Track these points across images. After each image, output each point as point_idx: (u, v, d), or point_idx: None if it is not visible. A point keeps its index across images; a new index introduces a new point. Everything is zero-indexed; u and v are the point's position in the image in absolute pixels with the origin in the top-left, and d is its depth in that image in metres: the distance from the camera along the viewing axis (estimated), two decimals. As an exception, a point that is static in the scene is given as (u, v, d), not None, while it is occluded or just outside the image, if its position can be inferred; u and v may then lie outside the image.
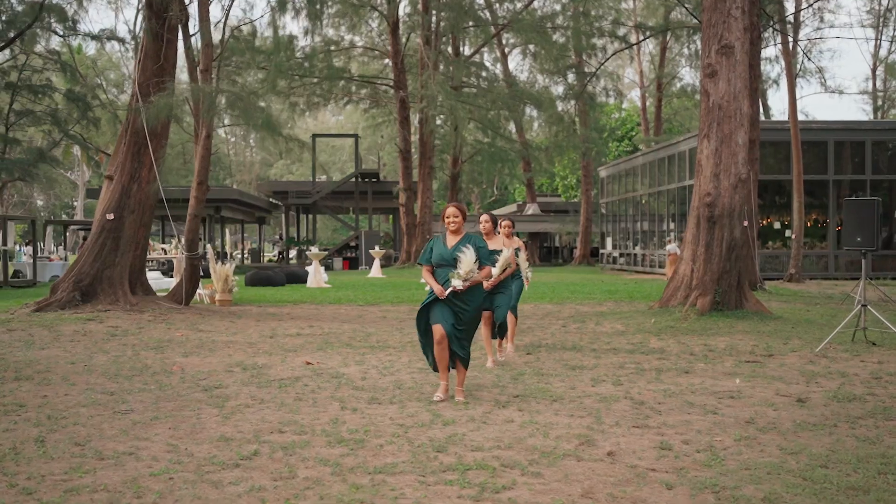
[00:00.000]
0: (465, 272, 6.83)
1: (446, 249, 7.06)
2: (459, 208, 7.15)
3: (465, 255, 6.86)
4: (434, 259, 7.10)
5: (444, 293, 6.85)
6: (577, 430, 5.96)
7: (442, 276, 6.99)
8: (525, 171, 45.87)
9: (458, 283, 6.81)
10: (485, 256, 7.05)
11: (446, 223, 7.15)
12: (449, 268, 6.94)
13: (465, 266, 6.83)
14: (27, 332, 12.03)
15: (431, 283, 7.00)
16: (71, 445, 5.52)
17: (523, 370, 8.69)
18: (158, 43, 15.00)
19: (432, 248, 7.18)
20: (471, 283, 6.91)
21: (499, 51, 46.47)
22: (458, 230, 7.15)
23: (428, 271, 7.14)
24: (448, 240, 7.15)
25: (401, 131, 37.74)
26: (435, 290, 6.91)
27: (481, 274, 7.01)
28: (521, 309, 15.70)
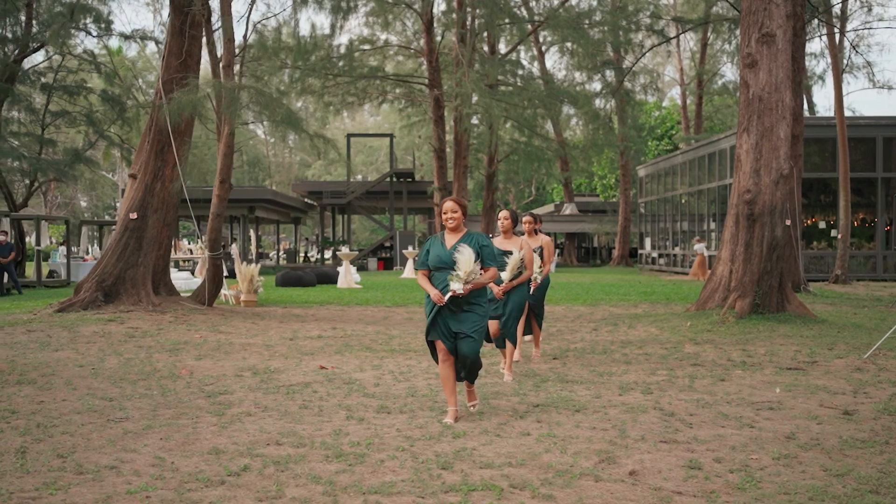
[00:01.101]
0: (466, 273, 5.97)
1: (444, 250, 6.18)
2: (458, 203, 6.28)
3: (463, 254, 6.00)
4: (431, 261, 6.23)
5: (442, 299, 6.02)
6: (598, 444, 5.46)
7: (440, 281, 6.14)
8: (562, 170, 45.20)
9: (458, 286, 5.95)
10: (489, 256, 6.20)
11: (444, 220, 6.25)
12: (448, 271, 6.08)
13: (464, 266, 5.97)
14: (46, 333, 11.81)
15: (428, 290, 6.15)
16: (52, 457, 5.16)
17: (547, 377, 8.19)
18: (181, 39, 14.75)
19: (429, 249, 6.29)
20: (473, 287, 6.06)
21: (536, 49, 45.91)
22: (457, 227, 6.28)
23: (424, 276, 6.30)
24: (447, 239, 6.27)
25: (435, 130, 37.34)
26: (432, 296, 6.07)
27: (485, 276, 6.15)
28: (551, 311, 15.26)
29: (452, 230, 6.27)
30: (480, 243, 6.22)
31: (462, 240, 6.21)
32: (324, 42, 36.25)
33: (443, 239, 6.28)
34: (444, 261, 6.14)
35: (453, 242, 6.21)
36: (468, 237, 6.25)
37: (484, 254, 6.20)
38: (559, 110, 37.65)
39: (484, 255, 6.19)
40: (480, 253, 6.17)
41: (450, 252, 6.14)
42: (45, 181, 31.65)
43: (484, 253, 6.20)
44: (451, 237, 6.27)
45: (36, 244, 24.79)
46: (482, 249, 6.20)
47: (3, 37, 27.55)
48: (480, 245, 6.21)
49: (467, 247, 6.07)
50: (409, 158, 62.86)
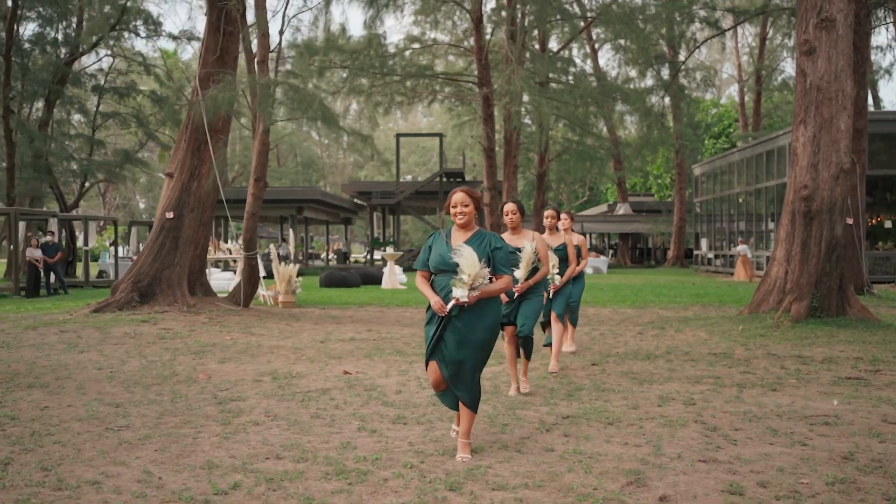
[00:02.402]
0: (470, 277, 4.93)
1: (448, 249, 5.12)
2: (470, 194, 5.22)
3: (465, 255, 4.96)
4: (432, 262, 5.18)
5: (443, 308, 5.00)
6: (628, 463, 4.91)
7: (442, 287, 5.10)
8: (616, 169, 44.29)
9: (462, 292, 4.93)
10: (503, 262, 5.17)
11: (452, 214, 5.24)
12: (451, 275, 5.04)
13: (467, 268, 4.93)
14: (77, 334, 11.63)
15: (427, 295, 5.11)
16: (36, 470, 4.81)
17: (583, 384, 7.63)
18: (217, 35, 14.51)
19: (431, 246, 5.26)
20: (481, 295, 5.00)
21: (588, 46, 45.10)
22: (467, 224, 5.22)
23: (424, 278, 5.26)
24: (453, 237, 5.23)
25: (485, 129, 36.80)
26: (432, 303, 5.06)
27: (497, 283, 5.11)
28: (596, 314, 14.65)
29: (462, 227, 5.24)
30: (493, 245, 5.17)
31: (470, 240, 5.18)
32: (373, 41, 36.09)
33: (448, 236, 5.26)
34: (446, 262, 5.08)
35: (460, 241, 5.18)
36: (479, 237, 5.21)
37: (496, 258, 5.16)
38: (612, 108, 36.84)
39: (496, 259, 5.16)
40: (492, 257, 5.15)
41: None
42: (95, 182, 31.96)
43: (496, 257, 5.16)
44: (459, 235, 5.24)
45: (84, 244, 24.94)
46: (495, 253, 5.16)
47: (55, 39, 27.86)
48: (493, 247, 5.16)
49: (467, 247, 5.05)
50: (462, 159, 62.44)
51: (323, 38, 25.29)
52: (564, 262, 8.34)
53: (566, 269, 8.36)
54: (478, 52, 36.78)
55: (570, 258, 8.37)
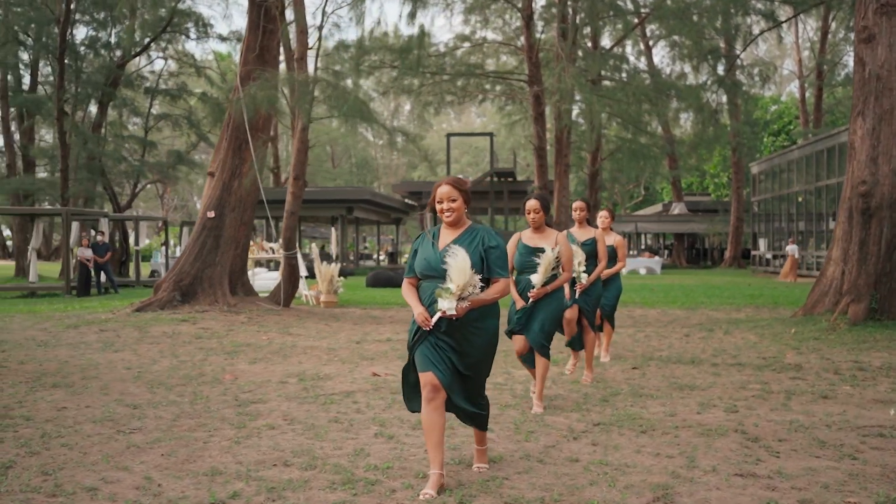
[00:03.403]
0: (459, 287, 4.21)
1: (434, 252, 4.42)
2: (457, 186, 4.47)
3: (455, 259, 4.23)
4: (418, 267, 4.47)
5: (428, 321, 4.29)
6: (657, 476, 4.55)
7: (429, 295, 4.39)
8: (670, 168, 43.43)
9: (449, 304, 4.21)
10: (498, 262, 4.40)
11: (438, 211, 4.51)
12: (438, 281, 4.33)
13: (457, 276, 4.21)
14: (116, 333, 11.61)
15: (412, 305, 4.43)
16: (36, 474, 4.64)
17: (619, 389, 7.26)
18: (257, 33, 14.42)
19: (416, 249, 4.56)
20: (472, 306, 4.28)
21: (642, 42, 44.33)
22: (456, 221, 4.47)
23: (410, 286, 4.55)
24: (441, 236, 4.50)
25: (535, 128, 36.36)
26: (415, 314, 4.34)
27: (491, 290, 4.36)
28: (643, 315, 14.18)
29: (450, 224, 4.49)
30: (487, 243, 4.42)
31: (460, 238, 4.44)
32: (422, 40, 35.93)
33: (435, 236, 4.52)
34: (433, 266, 4.38)
35: (449, 241, 4.44)
36: (470, 234, 4.46)
37: (490, 258, 4.40)
38: (666, 105, 36.10)
39: (490, 259, 4.40)
40: (486, 257, 4.40)
41: (441, 254, 4.38)
42: (148, 183, 32.37)
43: (490, 257, 4.40)
44: (448, 234, 4.50)
45: (135, 244, 25.21)
46: (488, 252, 4.41)
47: (107, 42, 28.24)
48: (487, 246, 4.41)
49: (462, 249, 4.29)
50: (513, 158, 61.98)
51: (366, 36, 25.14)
52: (593, 258, 7.64)
53: (595, 267, 7.66)
54: (528, 50, 36.36)
55: (600, 255, 7.64)
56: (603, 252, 7.64)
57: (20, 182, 28.94)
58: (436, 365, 4.36)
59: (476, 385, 4.57)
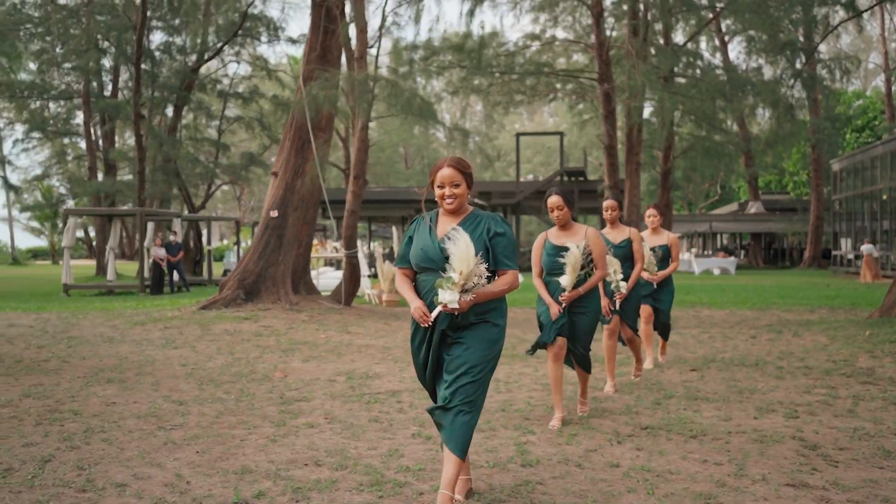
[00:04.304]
0: (463, 275, 3.72)
1: (432, 240, 3.93)
2: (460, 168, 3.95)
3: (458, 244, 3.74)
4: (414, 257, 3.99)
5: (427, 317, 3.80)
6: (701, 485, 4.31)
7: (428, 289, 3.92)
8: (746, 166, 42.27)
9: (451, 295, 3.72)
10: (506, 252, 3.91)
11: (438, 196, 3.99)
12: (437, 273, 3.85)
13: (460, 263, 3.72)
14: (179, 331, 11.78)
15: (408, 299, 3.96)
16: (71, 469, 4.66)
17: (674, 392, 6.98)
18: (320, 33, 14.49)
19: (411, 236, 4.08)
20: (477, 299, 3.80)
21: (717, 38, 43.31)
22: (458, 209, 3.97)
23: (405, 278, 4.06)
24: (440, 224, 4.01)
25: (605, 126, 35.84)
26: (412, 310, 3.86)
27: (499, 283, 3.88)
28: (710, 315, 13.74)
29: (450, 212, 3.99)
30: (493, 230, 3.91)
31: (462, 225, 3.93)
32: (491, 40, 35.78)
33: (433, 222, 4.03)
34: (430, 257, 3.90)
35: (449, 229, 3.92)
36: (473, 220, 3.95)
37: (497, 247, 3.90)
38: (741, 102, 35.14)
39: (497, 249, 3.90)
40: (492, 246, 3.90)
41: (441, 244, 3.88)
42: (222, 184, 33.00)
43: (497, 246, 3.90)
44: (447, 221, 4.00)
45: (207, 244, 25.71)
46: (495, 241, 3.90)
47: (182, 47, 28.89)
48: (493, 233, 3.90)
49: (464, 233, 3.80)
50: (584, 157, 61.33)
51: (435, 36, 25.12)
52: (629, 261, 7.03)
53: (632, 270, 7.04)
54: (598, 47, 35.84)
55: (636, 256, 7.00)
56: (639, 253, 7.01)
57: (100, 184, 29.86)
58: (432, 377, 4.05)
59: (462, 389, 3.82)
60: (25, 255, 56.54)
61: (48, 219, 51.13)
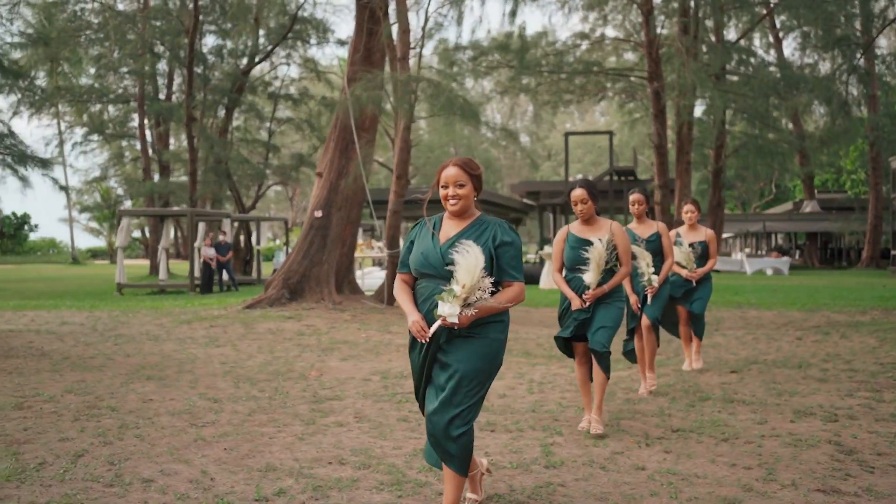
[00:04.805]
0: (466, 288, 3.49)
1: (435, 246, 3.71)
2: (466, 168, 3.74)
3: (466, 257, 3.52)
4: (414, 262, 3.77)
5: (424, 332, 3.59)
6: (727, 488, 4.23)
7: (427, 298, 3.69)
8: (801, 165, 41.37)
9: (451, 308, 3.50)
10: (511, 263, 3.66)
11: (442, 197, 3.78)
12: (438, 281, 3.64)
13: (465, 276, 3.50)
14: (223, 330, 11.96)
15: (406, 310, 3.71)
16: (102, 464, 4.76)
17: (711, 394, 6.85)
18: (363, 34, 14.59)
19: (413, 240, 3.86)
20: (479, 314, 3.57)
21: (771, 34, 42.52)
22: (463, 211, 3.76)
23: (404, 284, 3.83)
24: (444, 228, 3.80)
25: (655, 125, 35.39)
26: (409, 322, 3.65)
27: (503, 296, 3.63)
28: (757, 316, 13.46)
29: (455, 214, 3.77)
30: (500, 238, 3.68)
31: (466, 231, 3.71)
32: (539, 39, 35.64)
33: (437, 227, 3.81)
34: (432, 264, 3.68)
35: (452, 234, 3.73)
36: (478, 227, 3.73)
37: (503, 258, 3.66)
38: (796, 99, 34.42)
39: (503, 259, 3.67)
40: (497, 256, 3.67)
41: (443, 249, 3.67)
42: (271, 185, 33.41)
43: (504, 256, 3.66)
44: (452, 225, 3.78)
45: (256, 244, 26.05)
46: (501, 250, 3.67)
47: (233, 50, 29.31)
48: (500, 242, 3.67)
49: (474, 245, 3.57)
50: (634, 156, 60.76)
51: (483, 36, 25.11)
52: (658, 255, 6.82)
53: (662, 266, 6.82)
54: (648, 45, 35.44)
55: (666, 251, 6.82)
56: (669, 248, 6.83)
57: (154, 185, 30.49)
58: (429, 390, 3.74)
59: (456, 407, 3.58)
60: (85, 255, 57.99)
61: (106, 219, 52.35)
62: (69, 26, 28.55)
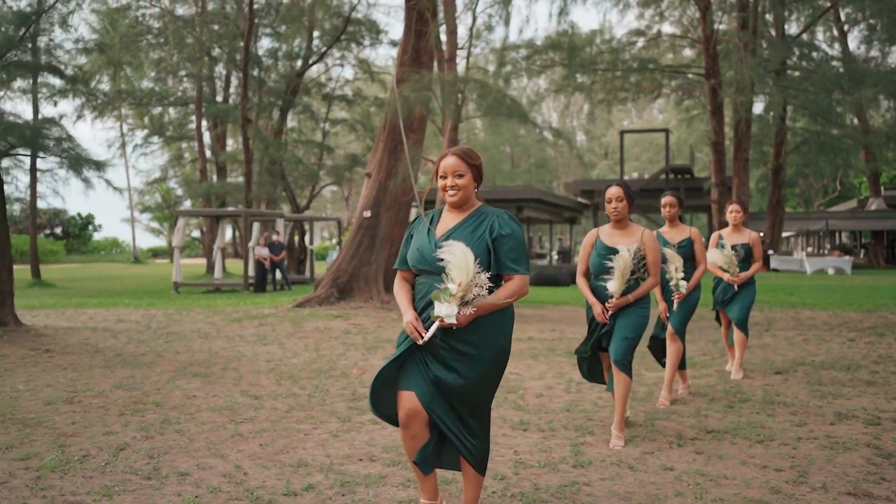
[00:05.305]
0: (462, 285, 3.31)
1: (429, 240, 3.57)
2: (465, 158, 3.58)
3: (454, 254, 3.35)
4: (411, 259, 3.62)
5: (419, 333, 3.42)
6: (755, 490, 4.18)
7: (424, 295, 3.53)
8: (867, 161, 40.33)
9: (448, 309, 3.31)
10: (511, 254, 3.46)
11: (441, 188, 3.62)
12: (436, 278, 3.44)
13: (458, 273, 3.31)
14: (272, 328, 12.17)
15: (402, 309, 3.57)
16: (142, 457, 4.91)
17: (751, 395, 6.76)
18: (412, 36, 14.69)
19: (411, 235, 3.71)
20: (478, 312, 3.38)
21: (836, 28, 41.54)
22: (462, 202, 3.59)
23: (403, 282, 3.69)
24: (442, 221, 3.65)
25: (712, 122, 34.89)
26: (404, 322, 3.49)
27: (502, 292, 3.44)
28: (811, 317, 13.19)
29: (454, 206, 3.61)
30: (498, 231, 3.48)
31: (463, 223, 3.55)
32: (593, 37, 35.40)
33: (434, 221, 3.67)
34: (426, 258, 3.52)
35: (449, 228, 3.58)
36: (476, 218, 3.56)
37: (502, 249, 3.47)
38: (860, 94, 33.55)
39: (501, 251, 3.47)
40: (495, 249, 3.48)
41: (438, 243, 3.50)
42: (325, 185, 33.77)
43: (502, 248, 3.47)
44: (450, 218, 3.63)
45: (309, 243, 26.39)
46: (499, 242, 3.48)
47: (288, 52, 29.71)
48: (497, 234, 3.48)
49: (458, 243, 3.40)
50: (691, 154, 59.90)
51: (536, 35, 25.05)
52: (690, 262, 6.48)
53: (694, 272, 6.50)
54: (705, 41, 34.97)
55: (698, 257, 6.47)
56: (701, 255, 6.47)
57: (210, 186, 31.12)
58: (419, 385, 3.49)
59: (472, 413, 3.54)
60: (146, 255, 59.40)
61: (166, 219, 53.57)
62: (131, 31, 29.28)
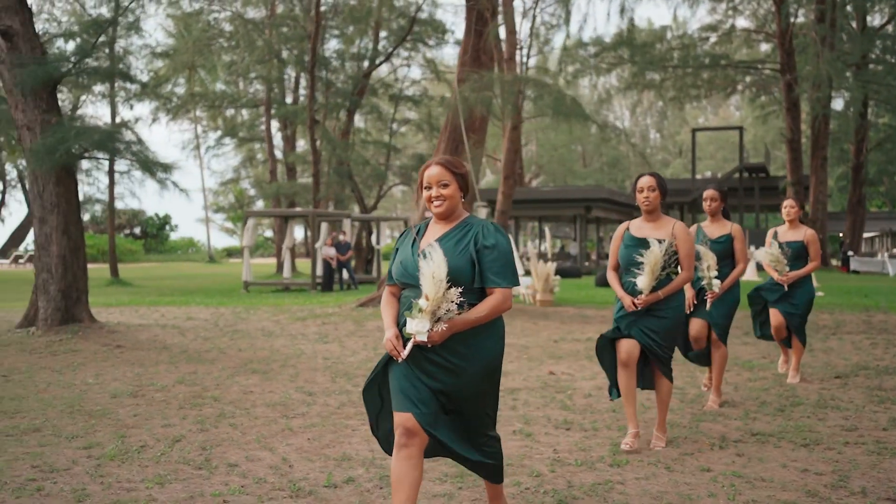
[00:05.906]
0: (432, 301, 3.20)
1: (412, 253, 3.47)
2: (450, 167, 3.47)
3: (427, 265, 3.24)
4: (395, 273, 3.52)
5: (399, 350, 3.31)
6: (791, 493, 4.16)
7: (406, 307, 3.41)
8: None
9: (420, 325, 3.19)
10: (493, 267, 3.33)
11: (426, 199, 3.52)
12: (418, 291, 3.31)
13: (429, 286, 3.22)
14: (334, 327, 12.41)
15: (385, 325, 3.47)
16: (195, 449, 5.13)
17: (805, 399, 6.66)
18: (472, 36, 14.80)
19: (398, 248, 3.60)
20: (452, 329, 3.26)
21: (922, 19, 40.07)
22: (448, 213, 3.48)
23: (390, 296, 3.57)
24: (428, 233, 3.53)
25: (788, 119, 34.11)
26: (385, 338, 3.39)
27: (482, 308, 3.31)
28: (883, 320, 12.81)
29: (440, 217, 3.50)
30: (482, 242, 3.37)
31: (448, 234, 3.44)
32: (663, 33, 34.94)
33: (420, 233, 3.55)
34: (409, 272, 3.42)
35: (434, 238, 3.46)
36: (461, 229, 3.45)
37: (484, 261, 3.34)
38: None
39: (484, 263, 3.34)
40: (479, 260, 3.36)
41: (420, 256, 3.39)
42: (392, 185, 34.13)
43: (485, 260, 3.34)
44: (435, 230, 3.52)
45: (375, 243, 26.74)
46: (482, 254, 3.35)
47: (355, 53, 30.14)
48: (481, 245, 3.36)
49: (438, 248, 3.31)
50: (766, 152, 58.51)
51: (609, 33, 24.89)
52: (728, 259, 6.22)
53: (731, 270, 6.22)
54: (780, 36, 34.20)
55: (738, 255, 6.18)
56: (741, 252, 6.15)
57: (280, 186, 31.79)
58: (414, 402, 3.33)
59: (475, 425, 3.50)
60: (221, 254, 60.90)
61: (240, 219, 54.87)
62: (204, 35, 30.11)
